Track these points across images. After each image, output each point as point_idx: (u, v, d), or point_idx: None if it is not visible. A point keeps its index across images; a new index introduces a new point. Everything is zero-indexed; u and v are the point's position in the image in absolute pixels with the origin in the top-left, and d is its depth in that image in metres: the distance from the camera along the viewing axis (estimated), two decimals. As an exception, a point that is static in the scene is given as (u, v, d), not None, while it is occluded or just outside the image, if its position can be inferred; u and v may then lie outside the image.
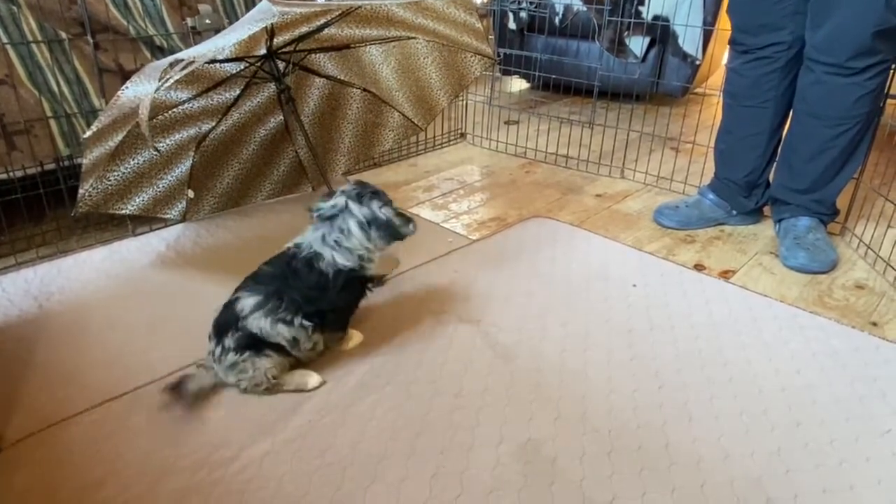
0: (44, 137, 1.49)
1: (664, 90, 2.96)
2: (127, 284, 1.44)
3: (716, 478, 0.94)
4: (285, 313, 1.07)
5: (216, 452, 0.97)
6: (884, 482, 0.94)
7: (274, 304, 1.06)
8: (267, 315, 1.06)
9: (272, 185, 1.88)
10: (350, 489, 0.91)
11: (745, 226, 1.81)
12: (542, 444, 0.99)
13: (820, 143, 1.55)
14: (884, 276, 1.54)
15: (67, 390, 1.09)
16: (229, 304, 1.09)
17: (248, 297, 1.07)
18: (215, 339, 1.07)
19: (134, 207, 1.56)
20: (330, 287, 1.10)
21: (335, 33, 1.65)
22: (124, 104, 1.20)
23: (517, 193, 2.02)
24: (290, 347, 1.09)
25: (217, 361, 1.07)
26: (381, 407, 1.06)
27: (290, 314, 1.07)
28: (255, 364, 1.06)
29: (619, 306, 1.37)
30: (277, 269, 1.11)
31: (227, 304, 1.09)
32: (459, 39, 1.73)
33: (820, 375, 1.16)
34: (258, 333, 1.06)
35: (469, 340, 1.24)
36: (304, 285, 1.08)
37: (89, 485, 0.91)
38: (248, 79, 1.63)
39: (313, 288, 1.09)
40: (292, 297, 1.07)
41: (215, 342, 1.07)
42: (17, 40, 1.43)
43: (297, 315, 1.08)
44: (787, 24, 1.51)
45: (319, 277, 1.09)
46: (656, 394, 1.11)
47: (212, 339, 1.08)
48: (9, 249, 1.54)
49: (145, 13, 1.60)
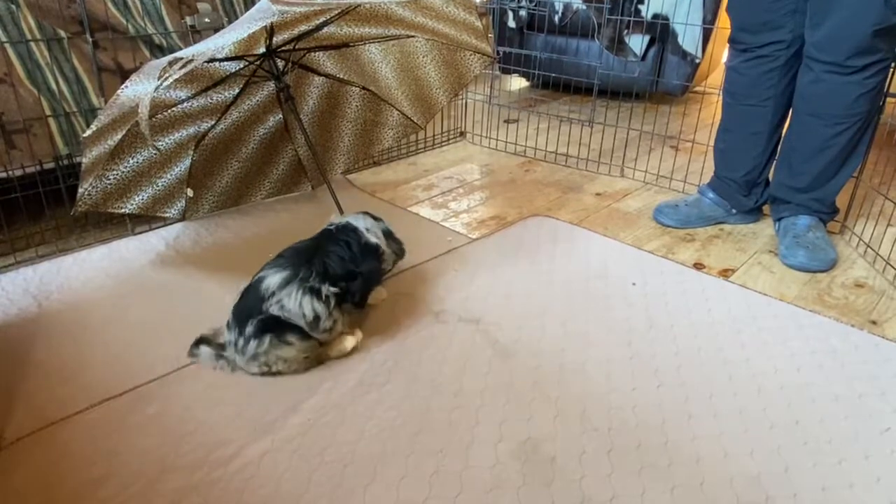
0: (43, 136, 1.49)
1: (664, 89, 2.95)
2: (126, 283, 1.44)
3: (715, 476, 0.94)
4: (314, 281, 1.10)
5: (215, 451, 0.97)
6: (883, 480, 0.94)
7: (304, 273, 1.10)
8: (297, 286, 1.08)
9: (271, 184, 1.87)
10: (350, 488, 0.91)
11: (744, 224, 1.81)
12: (542, 442, 0.99)
13: (819, 142, 1.55)
14: (883, 274, 1.54)
15: (67, 389, 1.09)
16: (251, 287, 1.10)
17: (274, 274, 1.09)
18: (236, 327, 1.08)
19: (133, 206, 1.56)
20: (362, 247, 1.18)
21: (334, 32, 1.65)
22: (124, 103, 1.19)
23: (517, 192, 2.02)
24: (311, 329, 1.10)
25: (239, 352, 1.07)
26: (380, 405, 1.07)
27: (318, 282, 1.10)
28: (279, 354, 1.07)
29: (618, 305, 1.37)
30: (310, 242, 1.18)
31: (249, 288, 1.11)
32: (459, 38, 1.73)
33: (819, 374, 1.16)
34: (281, 316, 1.07)
35: (468, 339, 1.25)
36: (340, 243, 1.16)
37: (89, 483, 0.91)
38: (247, 77, 1.63)
39: (348, 246, 1.16)
40: (323, 261, 1.12)
41: (236, 331, 1.08)
42: (16, 39, 1.43)
43: (325, 283, 1.11)
44: (787, 23, 1.51)
45: (355, 236, 1.18)
46: (655, 392, 1.11)
47: (231, 328, 1.08)
48: (8, 248, 1.54)
49: (144, 12, 1.60)
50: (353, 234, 1.19)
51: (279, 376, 1.12)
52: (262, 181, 1.85)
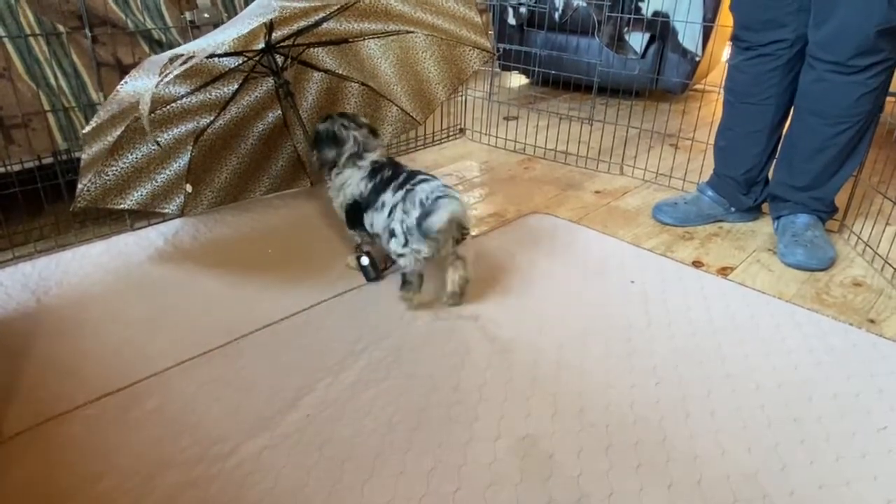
0: (41, 131, 1.49)
1: (664, 86, 2.95)
2: (125, 278, 1.44)
3: (712, 473, 0.94)
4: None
5: (214, 446, 0.97)
6: (880, 478, 0.94)
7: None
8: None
9: (270, 180, 1.87)
10: (348, 483, 0.91)
11: (743, 223, 1.81)
12: (540, 439, 0.99)
13: (820, 141, 1.55)
14: (881, 273, 1.54)
15: (65, 384, 1.10)
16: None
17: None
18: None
19: (132, 202, 1.56)
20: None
21: (334, 27, 1.65)
22: (123, 99, 1.19)
23: (516, 189, 2.02)
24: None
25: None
26: (378, 401, 1.07)
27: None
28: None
29: (617, 302, 1.37)
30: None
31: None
32: (458, 33, 1.72)
33: (817, 372, 1.17)
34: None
35: (467, 335, 1.25)
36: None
37: (87, 478, 0.91)
38: (246, 73, 1.63)
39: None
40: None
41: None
42: (14, 34, 1.42)
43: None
44: (790, 22, 1.51)
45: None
46: (653, 389, 1.11)
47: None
48: (7, 243, 1.54)
49: (143, 7, 1.59)
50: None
51: (278, 371, 1.13)
52: (261, 177, 1.85)
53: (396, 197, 1.29)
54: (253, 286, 1.40)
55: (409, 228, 1.25)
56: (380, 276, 1.44)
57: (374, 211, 1.34)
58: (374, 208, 1.34)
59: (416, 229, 1.22)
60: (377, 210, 1.33)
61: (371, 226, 1.36)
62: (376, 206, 1.33)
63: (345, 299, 1.37)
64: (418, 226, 1.22)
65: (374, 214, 1.34)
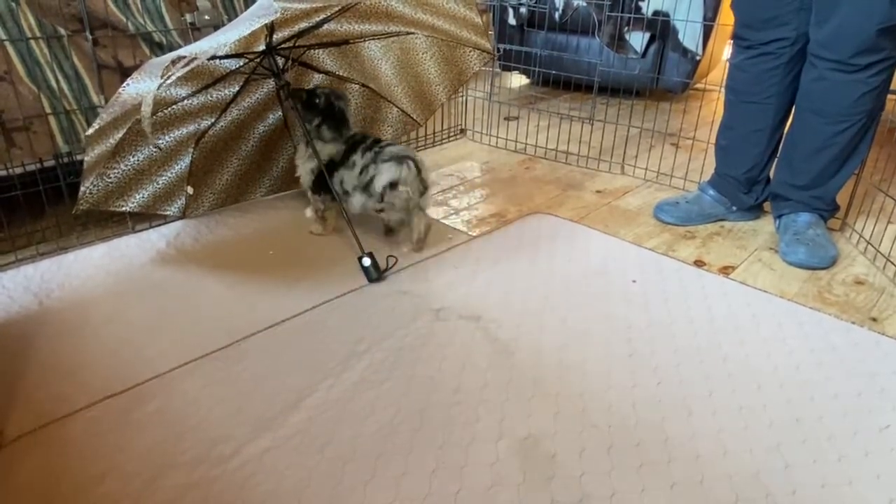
0: (43, 134, 1.49)
1: (664, 86, 2.95)
2: (127, 281, 1.44)
3: (714, 473, 0.94)
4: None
5: (216, 448, 0.97)
6: (882, 477, 0.94)
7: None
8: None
9: (271, 182, 1.88)
10: (350, 484, 0.91)
11: (745, 222, 1.81)
12: (542, 439, 0.99)
13: (821, 140, 1.54)
14: (883, 271, 1.54)
15: (67, 386, 1.10)
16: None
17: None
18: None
19: (134, 204, 1.56)
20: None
21: (335, 29, 1.65)
22: (125, 102, 1.19)
23: (517, 189, 2.02)
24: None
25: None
26: (380, 402, 1.07)
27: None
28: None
29: (618, 302, 1.37)
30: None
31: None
32: (459, 34, 1.72)
33: (819, 371, 1.17)
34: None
35: (468, 336, 1.25)
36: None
37: (89, 480, 0.91)
38: (247, 75, 1.63)
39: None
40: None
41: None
42: (15, 37, 1.43)
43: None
44: (792, 20, 1.51)
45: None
46: (655, 389, 1.11)
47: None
48: (9, 246, 1.54)
49: (144, 9, 1.60)
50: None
51: (279, 372, 1.13)
52: (262, 178, 1.85)
53: (366, 158, 1.50)
54: (254, 287, 1.40)
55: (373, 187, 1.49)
56: (381, 277, 1.44)
57: (344, 169, 1.53)
58: (345, 166, 1.53)
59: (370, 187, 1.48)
60: (348, 168, 1.53)
61: (341, 182, 1.54)
62: (347, 164, 1.53)
63: (346, 300, 1.37)
64: (368, 185, 1.48)
65: (345, 172, 1.53)
